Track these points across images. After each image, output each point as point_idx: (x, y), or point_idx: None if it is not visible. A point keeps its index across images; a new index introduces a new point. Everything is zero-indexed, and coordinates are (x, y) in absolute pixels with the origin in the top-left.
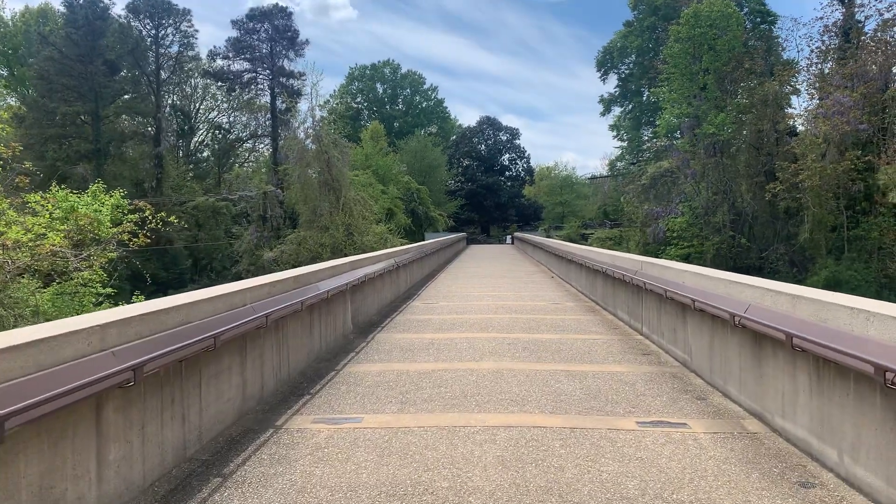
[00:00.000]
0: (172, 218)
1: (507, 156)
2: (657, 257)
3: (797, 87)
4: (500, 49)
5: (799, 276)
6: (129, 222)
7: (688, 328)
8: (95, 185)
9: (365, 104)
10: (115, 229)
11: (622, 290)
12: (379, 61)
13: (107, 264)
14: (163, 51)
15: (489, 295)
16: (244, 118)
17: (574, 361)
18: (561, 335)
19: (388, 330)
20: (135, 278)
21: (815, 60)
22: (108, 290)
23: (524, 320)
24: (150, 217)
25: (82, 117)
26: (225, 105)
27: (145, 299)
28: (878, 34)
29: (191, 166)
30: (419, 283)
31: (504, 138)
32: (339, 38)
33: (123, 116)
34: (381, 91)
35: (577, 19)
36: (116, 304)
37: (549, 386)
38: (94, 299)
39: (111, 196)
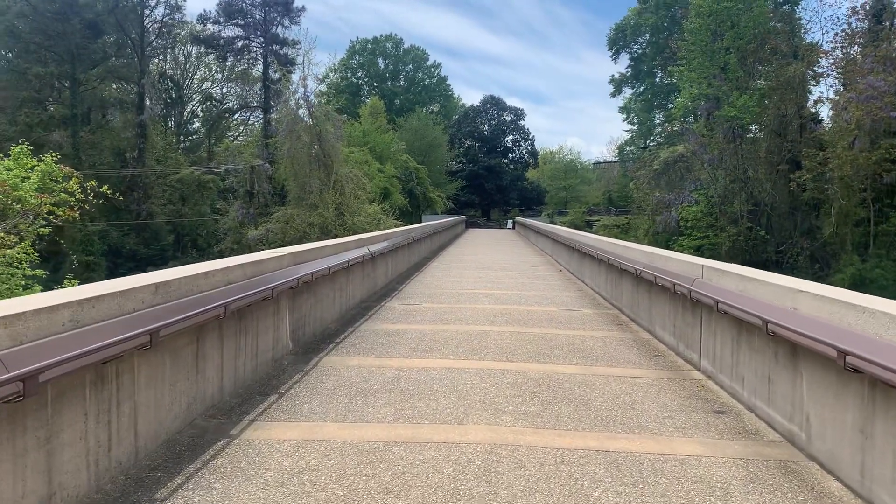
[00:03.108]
0: (105, 188)
1: (511, 137)
2: (667, 247)
3: (821, 71)
4: (505, 31)
5: (821, 273)
6: (61, 192)
7: (802, 384)
8: (19, 146)
9: (365, 79)
10: (35, 201)
11: (664, 301)
12: (381, 35)
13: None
14: (148, 12)
15: (486, 294)
16: (238, 89)
17: (614, 428)
18: (584, 367)
19: (344, 349)
20: (112, 253)
21: (839, 44)
22: (39, 271)
23: (531, 337)
24: (77, 188)
25: (63, 82)
26: (219, 75)
27: (79, 283)
28: None
29: (182, 138)
30: (404, 275)
31: (508, 119)
32: (343, 16)
33: (108, 82)
34: (382, 66)
35: (583, 2)
36: (51, 289)
37: (583, 496)
38: (22, 282)
39: (40, 161)
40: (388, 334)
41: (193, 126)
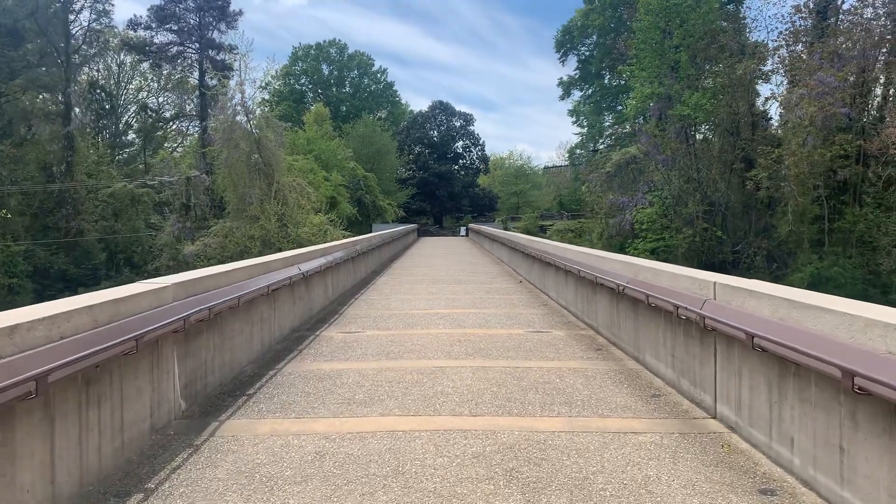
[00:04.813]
0: None
1: (461, 143)
2: (622, 251)
3: (770, 69)
4: (451, 38)
5: (779, 272)
6: None
7: None
8: None
9: (309, 86)
10: None
11: (658, 324)
12: (325, 41)
13: None
14: (73, 17)
15: (441, 315)
16: (175, 98)
17: None
18: (570, 420)
19: (256, 406)
20: (39, 274)
21: (784, 42)
22: None
23: (498, 375)
24: None
25: None
26: (155, 84)
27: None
28: (859, 11)
29: (117, 150)
30: (347, 294)
31: (457, 124)
32: (287, 24)
33: (32, 92)
34: (326, 73)
35: (528, 10)
36: None
37: None
38: None
39: None
40: (319, 378)
41: (129, 138)
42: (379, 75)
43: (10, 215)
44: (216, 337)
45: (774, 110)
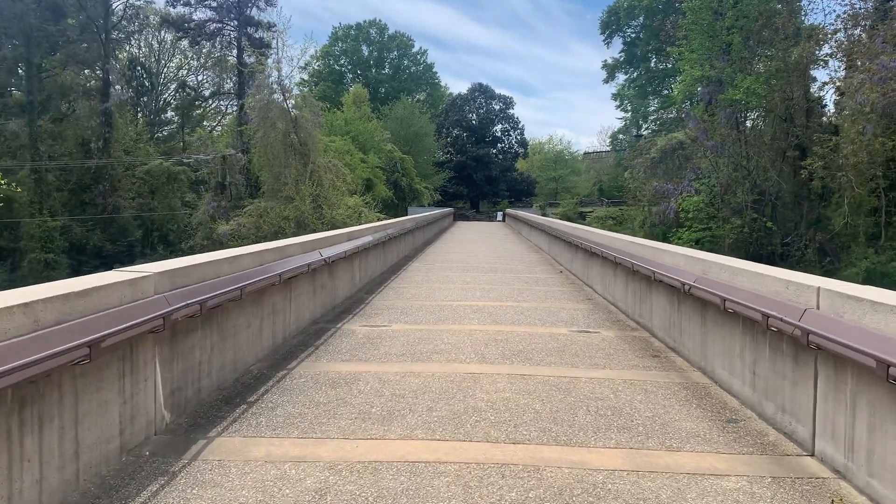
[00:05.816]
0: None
1: (500, 126)
2: (665, 240)
3: (829, 52)
4: (492, 21)
5: (831, 266)
6: None
7: None
8: None
9: (349, 66)
10: None
11: (734, 332)
12: (365, 21)
13: None
14: None
15: (475, 308)
16: (213, 76)
17: None
18: (632, 454)
19: (255, 418)
20: (75, 250)
21: (842, 26)
22: None
23: (540, 387)
24: None
25: (19, 66)
26: (194, 62)
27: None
28: None
29: (156, 128)
30: (376, 281)
31: (497, 107)
32: (326, 4)
33: (72, 68)
34: (366, 53)
35: None
36: None
37: None
38: None
39: None
40: (332, 384)
41: (168, 115)
42: (419, 57)
43: (22, 190)
44: (214, 334)
45: (830, 97)
